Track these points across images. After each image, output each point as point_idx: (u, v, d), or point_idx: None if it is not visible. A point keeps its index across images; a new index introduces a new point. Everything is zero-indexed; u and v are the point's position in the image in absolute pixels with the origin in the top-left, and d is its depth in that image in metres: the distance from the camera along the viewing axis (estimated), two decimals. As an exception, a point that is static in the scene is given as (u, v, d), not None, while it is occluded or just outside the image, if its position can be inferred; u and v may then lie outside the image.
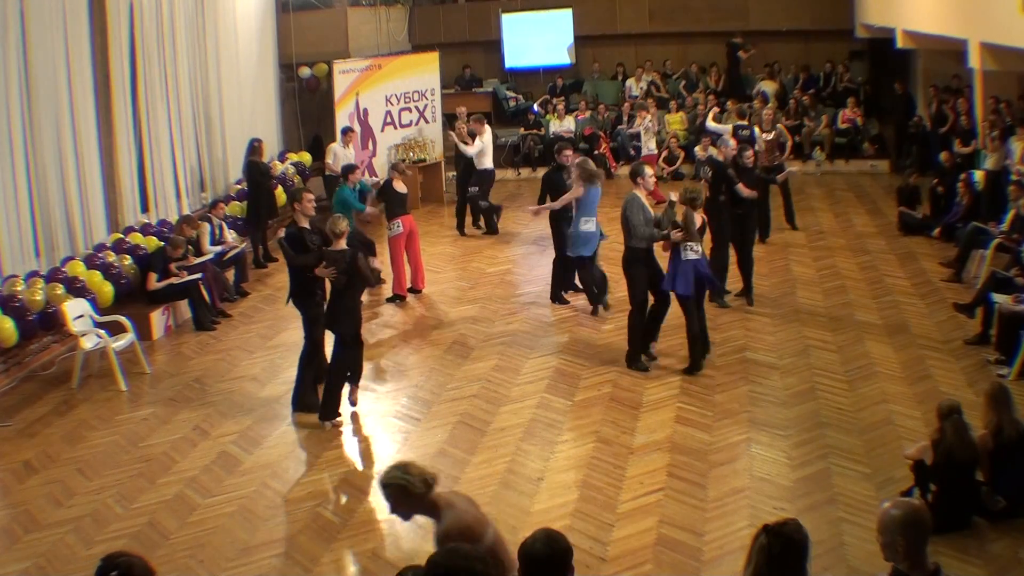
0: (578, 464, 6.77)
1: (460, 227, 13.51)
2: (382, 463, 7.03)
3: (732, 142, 10.90)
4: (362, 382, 8.40)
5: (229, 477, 6.91)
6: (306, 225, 7.96)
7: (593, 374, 8.37)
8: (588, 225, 9.40)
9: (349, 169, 11.01)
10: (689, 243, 8.03)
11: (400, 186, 10.60)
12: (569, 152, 10.39)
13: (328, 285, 7.68)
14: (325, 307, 7.74)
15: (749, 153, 10.07)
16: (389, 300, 10.64)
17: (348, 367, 7.76)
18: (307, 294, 7.81)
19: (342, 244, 7.55)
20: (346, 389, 7.81)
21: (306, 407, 7.86)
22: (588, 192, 9.34)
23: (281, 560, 5.81)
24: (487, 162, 13.22)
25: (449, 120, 16.68)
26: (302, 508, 6.42)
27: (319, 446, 7.34)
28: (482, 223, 13.54)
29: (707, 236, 8.85)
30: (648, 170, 8.56)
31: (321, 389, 7.82)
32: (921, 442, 6.05)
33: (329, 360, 7.82)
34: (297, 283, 7.82)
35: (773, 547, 3.28)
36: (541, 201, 10.43)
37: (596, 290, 9.80)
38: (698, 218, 8.13)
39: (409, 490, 3.80)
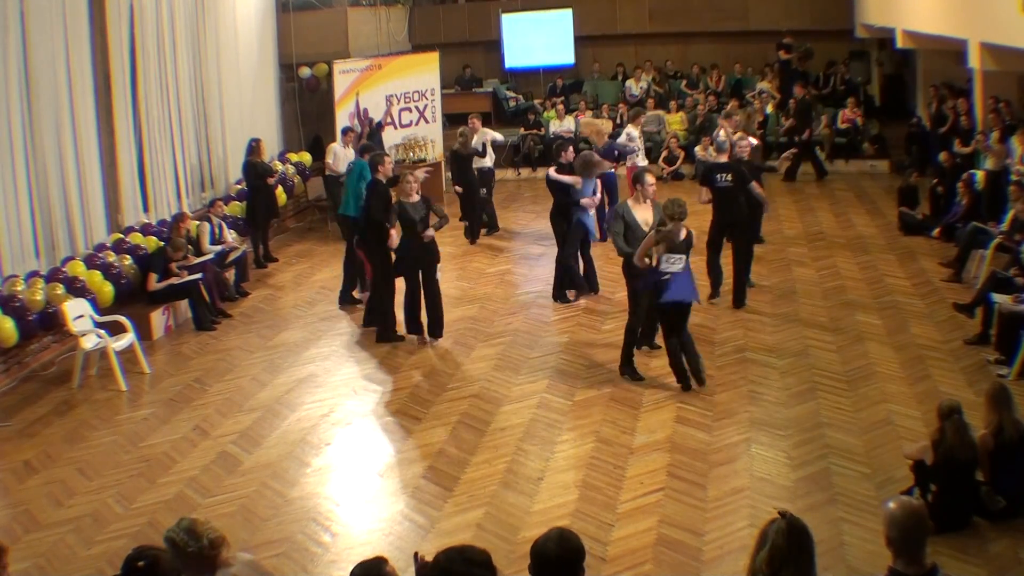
0: (578, 464, 6.77)
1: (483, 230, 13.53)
2: (383, 462, 7.04)
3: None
4: (362, 382, 8.60)
5: (229, 477, 6.91)
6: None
7: (593, 374, 8.38)
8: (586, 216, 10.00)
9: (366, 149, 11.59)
10: (669, 256, 7.58)
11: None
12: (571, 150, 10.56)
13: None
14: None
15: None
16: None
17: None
18: (379, 241, 9.20)
19: (416, 198, 8.99)
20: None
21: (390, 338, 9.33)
22: (585, 183, 9.91)
23: (281, 560, 5.81)
24: (486, 161, 13.26)
25: (449, 120, 16.73)
26: (302, 508, 6.42)
27: (319, 446, 7.35)
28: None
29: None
30: (649, 177, 8.36)
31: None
32: (921, 442, 6.05)
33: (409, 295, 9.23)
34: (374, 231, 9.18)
35: (802, 540, 3.31)
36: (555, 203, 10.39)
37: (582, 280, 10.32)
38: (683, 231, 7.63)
39: (182, 549, 3.63)
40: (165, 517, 6.35)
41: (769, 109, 16.40)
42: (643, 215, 8.19)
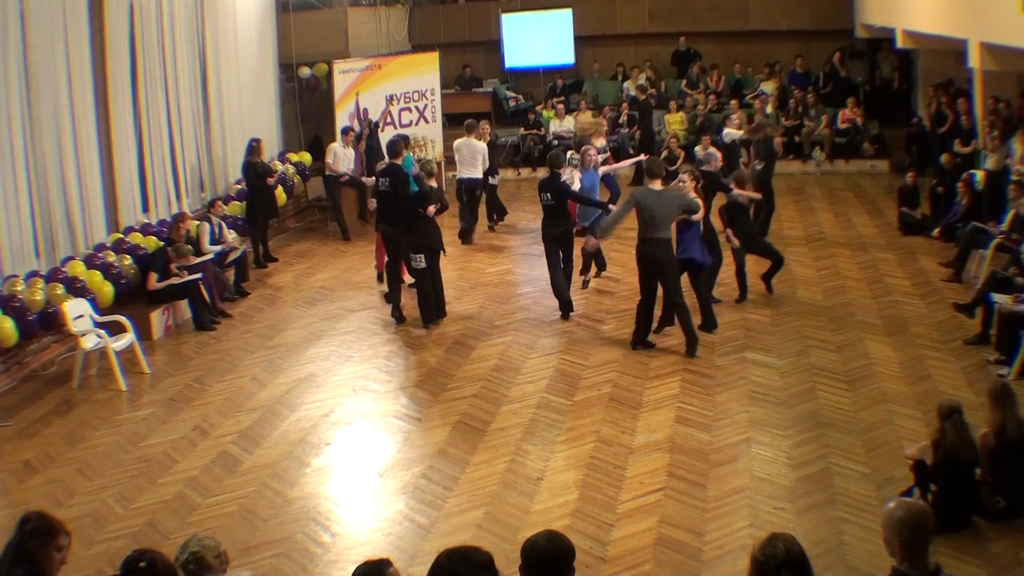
0: (578, 464, 6.77)
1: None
2: (383, 462, 7.03)
3: (718, 155, 11.04)
4: (362, 382, 8.59)
5: (229, 477, 6.91)
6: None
7: (593, 374, 8.38)
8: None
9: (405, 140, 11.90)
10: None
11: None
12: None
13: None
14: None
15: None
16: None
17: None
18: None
19: (433, 182, 9.89)
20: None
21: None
22: (585, 176, 10.50)
23: (281, 560, 5.81)
24: (464, 172, 12.95)
25: (449, 120, 16.71)
26: (302, 508, 6.42)
27: (319, 446, 7.35)
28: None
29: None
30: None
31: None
32: (921, 442, 6.05)
33: (416, 278, 9.78)
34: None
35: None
36: (554, 202, 10.28)
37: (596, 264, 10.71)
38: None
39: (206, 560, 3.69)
40: (165, 517, 6.37)
41: (769, 109, 16.40)
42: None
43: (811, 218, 13.39)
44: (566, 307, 9.76)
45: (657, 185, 8.58)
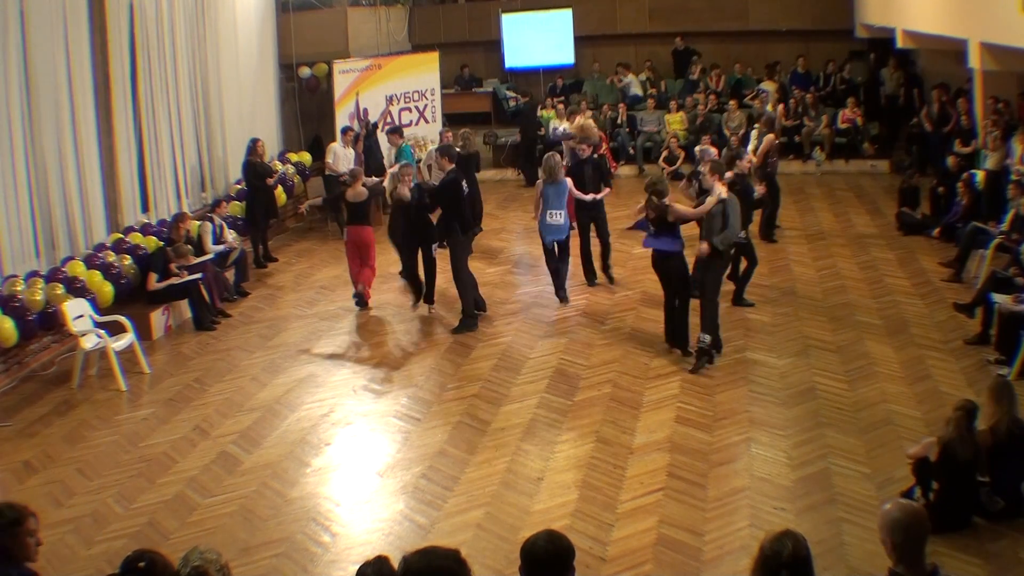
0: (578, 464, 6.77)
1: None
2: (383, 462, 7.04)
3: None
4: (362, 382, 8.60)
5: (229, 477, 6.91)
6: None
7: (593, 374, 8.38)
8: (552, 218, 9.99)
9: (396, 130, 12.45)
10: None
11: (354, 194, 10.26)
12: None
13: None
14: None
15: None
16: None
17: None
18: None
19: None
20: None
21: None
22: (546, 187, 9.97)
23: (281, 560, 5.81)
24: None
25: (449, 120, 16.70)
26: (302, 508, 6.42)
27: (319, 446, 7.35)
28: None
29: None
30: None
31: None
32: (925, 439, 6.05)
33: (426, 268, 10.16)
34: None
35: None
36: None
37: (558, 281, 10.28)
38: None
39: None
40: (165, 517, 6.37)
41: (769, 108, 16.39)
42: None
43: (811, 218, 13.38)
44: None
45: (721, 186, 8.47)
